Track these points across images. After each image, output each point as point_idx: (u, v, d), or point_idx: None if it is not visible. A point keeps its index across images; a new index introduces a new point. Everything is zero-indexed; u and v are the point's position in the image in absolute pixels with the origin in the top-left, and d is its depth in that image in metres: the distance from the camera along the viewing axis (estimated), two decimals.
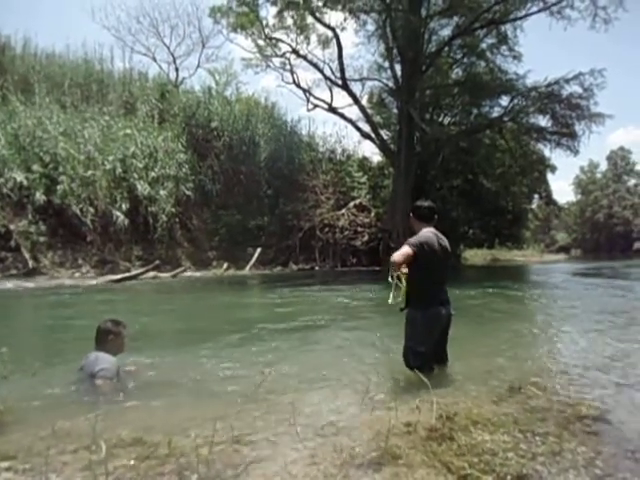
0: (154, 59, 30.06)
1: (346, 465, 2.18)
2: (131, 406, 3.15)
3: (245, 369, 4.15)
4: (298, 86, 24.16)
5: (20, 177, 14.68)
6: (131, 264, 16.37)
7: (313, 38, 23.34)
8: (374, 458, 2.24)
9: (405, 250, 3.48)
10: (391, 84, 23.13)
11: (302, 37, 23.03)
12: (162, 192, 18.14)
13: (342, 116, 23.89)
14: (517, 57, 22.24)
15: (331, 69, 23.12)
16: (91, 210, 15.76)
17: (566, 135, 20.95)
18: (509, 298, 10.38)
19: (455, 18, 21.51)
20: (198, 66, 30.31)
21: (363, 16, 22.04)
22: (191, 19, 36.53)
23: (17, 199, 14.68)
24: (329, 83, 23.48)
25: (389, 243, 20.37)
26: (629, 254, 48.00)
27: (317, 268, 21.37)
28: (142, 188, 17.48)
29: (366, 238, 23.12)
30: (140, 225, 17.57)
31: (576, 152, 21.35)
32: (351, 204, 24.35)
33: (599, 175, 62.67)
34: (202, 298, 11.14)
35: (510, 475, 2.07)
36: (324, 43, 23.42)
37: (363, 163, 27.98)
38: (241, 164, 22.98)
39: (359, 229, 23.38)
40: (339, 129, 36.50)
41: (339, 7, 20.62)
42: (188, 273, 17.20)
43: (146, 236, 17.70)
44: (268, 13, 33.80)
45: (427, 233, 3.71)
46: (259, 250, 20.23)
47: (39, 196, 14.77)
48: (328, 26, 21.92)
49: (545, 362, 4.54)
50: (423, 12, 20.51)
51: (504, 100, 21.95)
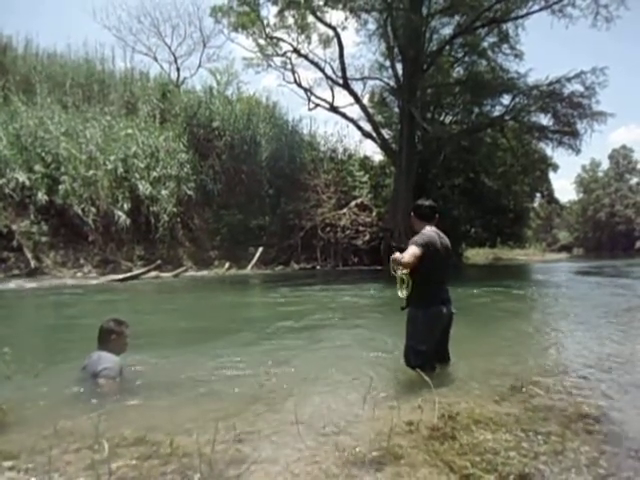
0: (155, 59, 30.12)
1: (348, 464, 2.18)
2: (133, 405, 3.16)
3: (247, 368, 4.15)
4: (299, 85, 24.19)
5: (22, 177, 14.71)
6: (133, 264, 16.38)
7: (314, 37, 23.37)
8: (376, 457, 2.24)
9: (413, 251, 3.45)
10: (392, 83, 23.11)
11: (303, 36, 23.03)
12: (164, 192, 18.14)
13: (343, 115, 23.91)
14: (518, 56, 22.21)
15: (332, 68, 23.14)
16: (93, 210, 15.78)
17: (568, 134, 20.91)
18: (511, 297, 10.37)
19: (456, 17, 21.47)
20: (199, 66, 30.34)
21: (364, 15, 22.04)
22: (192, 19, 36.46)
23: (19, 199, 14.70)
24: (330, 82, 23.50)
25: (390, 242, 20.33)
26: (631, 253, 47.92)
27: (318, 267, 21.35)
28: (144, 188, 17.49)
29: (367, 237, 23.10)
30: (142, 225, 17.58)
31: (578, 151, 21.33)
32: (352, 203, 24.34)
33: (601, 174, 62.54)
34: (204, 298, 11.15)
35: (512, 474, 2.07)
36: (325, 42, 23.43)
37: (364, 162, 27.95)
38: (242, 163, 22.98)
39: (360, 228, 23.37)
40: (340, 128, 36.39)
41: (340, 6, 20.61)
42: (190, 273, 17.22)
43: (148, 236, 17.72)
44: (269, 12, 33.77)
45: (430, 232, 3.71)
46: (261, 249, 20.24)
47: (41, 196, 14.79)
48: (329, 25, 21.91)
49: (547, 361, 4.54)
50: (424, 11, 20.48)
51: (505, 99, 21.95)
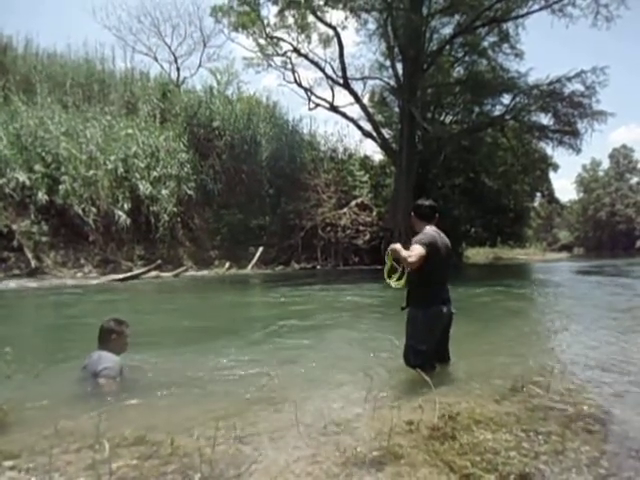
0: (155, 59, 30.09)
1: (349, 464, 2.18)
2: (134, 405, 3.15)
3: (247, 368, 4.15)
4: (299, 85, 24.19)
5: (22, 177, 14.70)
6: (133, 264, 16.39)
7: (314, 37, 23.37)
8: (376, 457, 2.24)
9: (419, 251, 3.44)
10: (392, 83, 23.10)
11: (303, 36, 23.03)
12: (164, 192, 18.14)
13: (343, 115, 23.91)
14: (519, 55, 22.23)
15: (332, 68, 23.14)
16: (93, 210, 15.78)
17: (568, 133, 20.90)
18: (511, 296, 10.36)
19: (456, 16, 21.47)
20: (199, 65, 30.30)
21: (364, 15, 22.04)
22: (192, 18, 36.34)
23: (19, 199, 14.70)
24: (330, 82, 23.50)
25: (391, 242, 20.33)
26: (631, 252, 47.90)
27: (319, 267, 21.35)
28: (144, 188, 17.49)
29: (368, 237, 23.11)
30: (142, 225, 17.58)
31: (578, 150, 21.33)
32: (353, 203, 24.33)
33: (601, 173, 62.55)
34: (204, 297, 11.15)
35: (513, 474, 2.06)
36: (325, 42, 23.43)
37: (365, 162, 27.95)
38: (243, 163, 22.97)
39: (361, 228, 23.37)
40: (340, 128, 36.42)
41: (340, 6, 20.61)
42: (190, 272, 17.22)
43: (148, 236, 17.72)
44: (269, 12, 33.78)
45: (431, 232, 3.70)
46: (261, 249, 20.24)
47: (41, 196, 14.79)
48: (329, 25, 21.91)
49: (548, 361, 4.53)
50: (424, 10, 20.47)
51: (506, 98, 21.95)
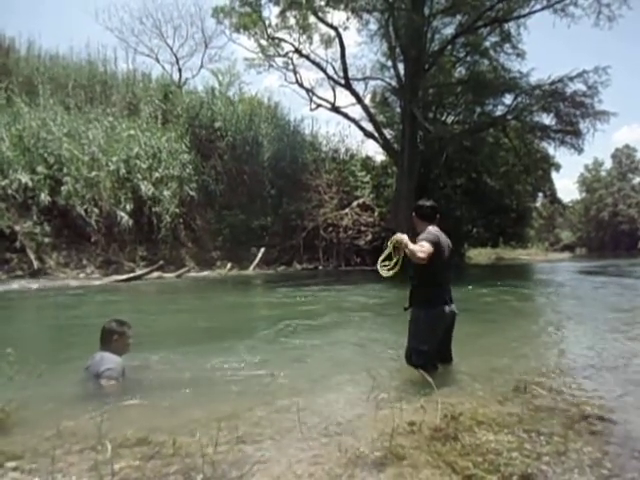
0: (157, 60, 30.13)
1: (351, 465, 2.18)
2: (136, 406, 3.16)
3: (249, 369, 4.15)
4: (301, 86, 24.18)
5: (25, 178, 14.73)
6: (135, 264, 16.40)
7: (316, 38, 23.35)
8: (378, 458, 2.24)
9: (428, 248, 3.44)
10: (394, 83, 23.09)
11: (305, 37, 23.01)
12: (166, 192, 18.15)
13: (345, 115, 23.88)
14: (521, 55, 22.16)
15: (334, 68, 23.11)
16: (95, 211, 15.79)
17: (570, 133, 20.85)
18: (514, 297, 10.34)
19: (458, 16, 21.42)
20: (201, 67, 30.34)
21: (366, 15, 22.01)
22: (194, 20, 36.44)
23: (22, 200, 14.72)
24: (332, 82, 23.47)
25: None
26: (634, 252, 47.75)
27: (321, 267, 21.35)
28: (146, 189, 17.49)
29: (370, 237, 23.08)
30: (144, 225, 17.59)
31: (580, 150, 21.26)
32: (354, 203, 24.31)
33: (604, 173, 62.41)
34: (207, 298, 11.15)
35: (515, 475, 2.06)
36: (327, 42, 23.41)
37: (366, 162, 27.92)
38: (244, 164, 22.98)
39: (363, 228, 23.35)
40: (342, 128, 36.39)
41: (341, 6, 20.59)
42: (192, 273, 17.23)
43: (150, 236, 17.73)
44: (271, 13, 33.92)
45: (435, 231, 3.70)
46: (263, 250, 20.23)
47: (44, 197, 14.80)
48: (331, 25, 21.90)
49: (550, 361, 4.53)
50: (426, 11, 20.44)
51: (508, 98, 21.87)
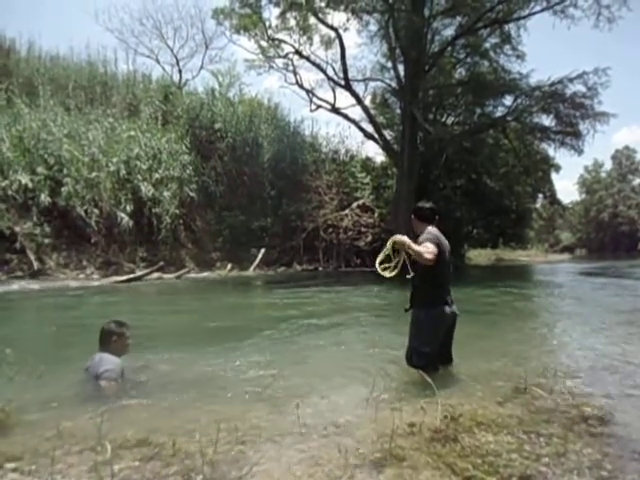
0: (157, 61, 30.16)
1: (350, 466, 2.18)
2: (135, 407, 3.16)
3: (249, 370, 4.15)
4: (301, 87, 24.19)
5: (25, 179, 14.73)
6: (135, 265, 16.40)
7: (316, 39, 23.37)
8: (378, 459, 2.24)
9: (433, 248, 3.46)
10: (394, 84, 23.10)
11: (305, 38, 23.03)
12: (166, 193, 18.15)
13: (345, 116, 23.89)
14: (520, 56, 22.16)
15: (334, 70, 23.13)
16: (95, 212, 15.79)
17: (570, 134, 20.86)
18: (514, 298, 10.35)
19: (458, 18, 21.44)
20: (201, 68, 30.37)
21: (366, 16, 22.02)
22: (194, 21, 36.53)
23: (22, 201, 14.72)
24: (332, 84, 23.49)
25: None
26: (634, 254, 47.75)
27: (321, 269, 21.34)
28: (146, 190, 17.49)
29: (370, 239, 23.07)
30: (144, 226, 17.58)
31: (580, 151, 21.27)
32: (354, 204, 24.31)
33: (604, 174, 62.45)
34: (207, 299, 11.15)
35: (514, 476, 2.06)
36: (327, 44, 23.44)
37: (366, 163, 27.93)
38: (244, 165, 22.99)
39: (363, 229, 23.34)
40: (342, 129, 36.41)
41: (342, 8, 20.60)
42: (192, 274, 17.22)
43: (150, 237, 17.73)
44: (271, 14, 34.00)
45: (435, 232, 3.71)
46: (263, 251, 20.23)
47: (44, 198, 14.80)
48: (331, 27, 21.92)
49: (550, 362, 4.53)
50: (426, 12, 20.45)
51: (508, 100, 21.88)
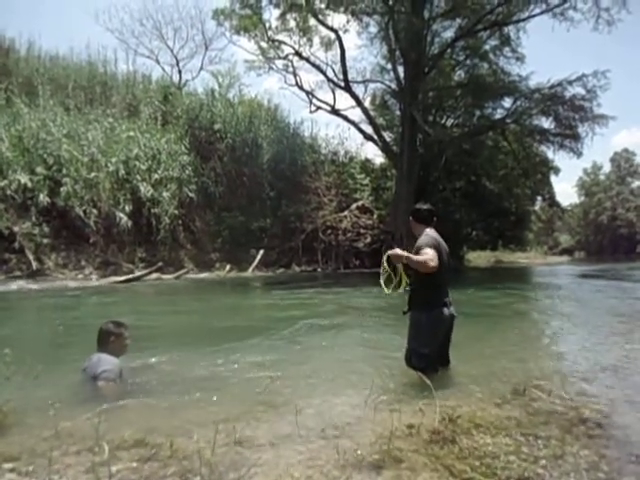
0: (157, 61, 30.21)
1: (348, 467, 2.18)
2: (133, 407, 3.15)
3: (248, 370, 4.14)
4: (301, 88, 24.23)
5: (24, 179, 14.73)
6: (134, 266, 16.38)
7: (316, 40, 23.44)
8: (376, 461, 2.23)
9: (434, 254, 3.46)
10: (394, 86, 23.15)
11: (305, 39, 23.09)
12: (165, 194, 18.15)
13: (345, 118, 23.93)
14: (520, 59, 22.28)
15: (334, 71, 23.20)
16: (94, 212, 15.79)
17: (569, 137, 20.92)
18: (513, 300, 10.35)
19: (458, 20, 21.51)
20: (201, 68, 30.43)
21: (366, 18, 22.10)
22: (194, 22, 36.56)
23: (21, 201, 14.72)
24: (332, 85, 23.55)
25: (392, 245, 20.37)
26: (632, 256, 47.80)
27: (320, 270, 21.34)
28: (145, 190, 17.49)
29: (369, 240, 23.10)
30: (143, 227, 17.58)
31: (579, 154, 21.34)
32: (354, 206, 24.33)
33: (602, 177, 62.56)
34: (205, 300, 11.14)
35: (512, 478, 2.06)
36: (327, 45, 23.50)
37: (366, 165, 27.97)
38: (244, 166, 23.00)
39: (362, 231, 23.36)
40: (342, 131, 36.50)
41: (342, 9, 20.64)
42: (191, 275, 17.21)
43: (149, 238, 17.72)
44: (271, 15, 33.84)
45: (432, 234, 3.71)
46: (262, 252, 20.23)
47: (43, 198, 14.80)
48: (331, 28, 21.96)
49: (549, 364, 4.53)
50: (426, 14, 20.51)
51: (507, 102, 21.96)
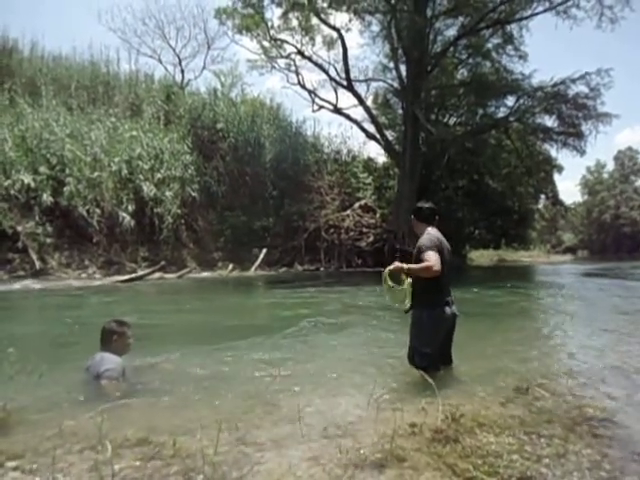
0: (160, 61, 30.28)
1: (351, 466, 2.18)
2: (136, 406, 3.15)
3: (251, 369, 4.15)
4: (303, 87, 24.28)
5: (27, 179, 14.76)
6: (137, 265, 16.42)
7: (318, 39, 23.49)
8: (379, 459, 2.23)
9: (436, 257, 3.45)
10: (396, 85, 23.15)
11: (307, 38, 23.14)
12: (168, 193, 18.17)
13: (347, 117, 23.95)
14: (523, 57, 22.26)
15: (336, 70, 23.21)
16: (97, 211, 15.81)
17: (572, 135, 20.87)
18: (516, 299, 10.33)
19: (460, 18, 21.49)
20: (204, 68, 30.49)
21: (368, 17, 22.12)
22: (197, 21, 36.59)
23: (24, 201, 14.75)
24: (334, 84, 23.57)
25: (394, 244, 20.37)
26: (636, 255, 47.57)
27: (322, 269, 21.33)
28: (148, 189, 17.52)
29: (371, 239, 23.07)
30: (146, 226, 17.61)
31: (583, 152, 21.30)
32: (356, 205, 24.32)
33: (606, 175, 62.30)
34: (209, 299, 11.15)
35: (514, 477, 2.06)
36: (329, 44, 23.52)
37: (368, 164, 27.96)
38: (246, 165, 23.01)
39: (364, 230, 23.34)
40: (344, 130, 36.24)
41: (344, 8, 20.65)
42: (193, 274, 17.23)
43: (152, 237, 17.75)
44: (273, 14, 34.13)
45: (434, 233, 3.70)
46: (264, 251, 20.24)
47: (46, 197, 14.83)
48: (333, 27, 21.96)
49: (552, 363, 4.52)
50: (428, 12, 20.49)
51: (510, 100, 21.94)
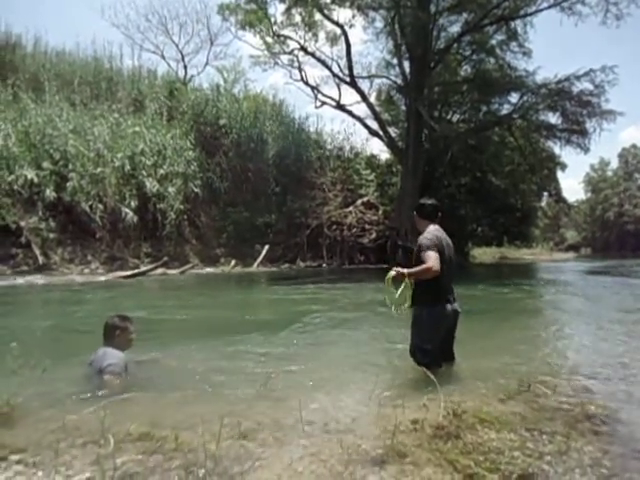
0: (163, 57, 30.19)
1: (352, 462, 2.18)
2: (139, 401, 3.17)
3: (254, 366, 4.16)
4: (306, 83, 24.20)
5: (30, 174, 14.80)
6: (140, 261, 16.48)
7: (321, 35, 23.40)
8: (380, 455, 2.24)
9: (435, 256, 3.45)
10: (399, 81, 23.06)
11: (310, 34, 23.05)
12: (171, 189, 18.19)
13: (350, 113, 23.88)
14: (527, 53, 22.10)
15: (339, 66, 23.12)
16: (100, 207, 15.85)
17: (576, 132, 20.74)
18: (518, 296, 10.32)
19: (464, 14, 21.36)
20: (206, 64, 30.37)
21: (371, 13, 22.01)
22: (200, 17, 36.55)
23: (28, 196, 14.80)
24: (337, 80, 23.49)
25: (397, 241, 20.34)
26: (639, 253, 47.46)
27: (325, 266, 21.35)
28: (151, 185, 17.55)
29: (374, 236, 23.07)
30: (149, 222, 17.66)
31: (586, 150, 21.15)
32: (359, 202, 24.30)
33: (610, 173, 62.11)
34: (211, 295, 11.17)
35: (515, 474, 2.06)
36: (332, 40, 23.43)
37: (371, 160, 27.91)
38: (249, 161, 23.01)
39: (367, 227, 23.33)
40: (347, 126, 36.44)
41: (347, 4, 20.56)
42: (196, 270, 17.28)
43: (155, 233, 17.80)
44: (276, 10, 33.78)
45: (434, 231, 3.69)
46: (267, 247, 20.26)
47: (49, 193, 14.88)
48: (336, 23, 21.88)
49: (554, 360, 4.52)
50: (432, 8, 20.37)
51: (513, 97, 21.82)
